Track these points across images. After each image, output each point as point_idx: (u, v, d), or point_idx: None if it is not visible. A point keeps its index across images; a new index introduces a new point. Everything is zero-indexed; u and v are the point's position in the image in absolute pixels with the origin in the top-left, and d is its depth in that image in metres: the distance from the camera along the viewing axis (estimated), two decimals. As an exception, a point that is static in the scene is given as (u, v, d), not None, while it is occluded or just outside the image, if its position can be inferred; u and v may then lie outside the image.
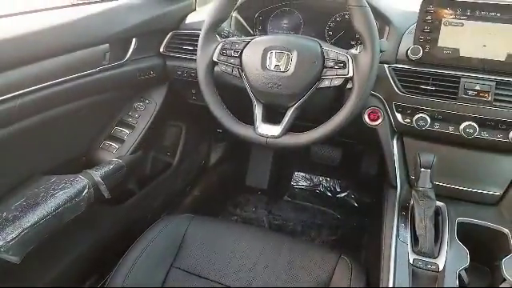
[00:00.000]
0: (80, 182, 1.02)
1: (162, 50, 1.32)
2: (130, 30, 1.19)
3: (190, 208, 1.71)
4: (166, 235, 1.07)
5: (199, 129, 1.73)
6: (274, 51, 0.95)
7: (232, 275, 1.00)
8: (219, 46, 1.00)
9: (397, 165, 1.08)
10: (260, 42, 0.98)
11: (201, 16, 1.33)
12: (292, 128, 0.96)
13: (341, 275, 0.96)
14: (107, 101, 1.23)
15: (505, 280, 0.84)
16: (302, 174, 2.13)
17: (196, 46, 1.03)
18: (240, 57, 0.98)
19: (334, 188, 2.04)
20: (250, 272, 1.00)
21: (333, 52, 0.93)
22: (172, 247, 1.06)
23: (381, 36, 1.08)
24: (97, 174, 1.09)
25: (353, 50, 0.96)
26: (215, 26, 1.01)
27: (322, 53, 0.93)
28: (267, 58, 0.95)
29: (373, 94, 1.05)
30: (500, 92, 0.94)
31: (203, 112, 1.05)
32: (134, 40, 1.21)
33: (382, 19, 1.10)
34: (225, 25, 1.19)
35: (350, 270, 0.96)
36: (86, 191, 1.02)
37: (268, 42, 0.97)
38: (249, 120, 1.00)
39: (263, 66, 0.95)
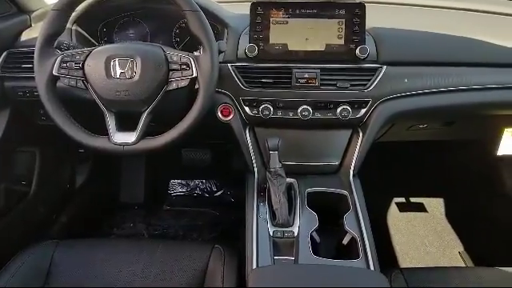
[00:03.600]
0: None
1: None
2: None
3: (58, 236, 1.58)
4: (31, 265, 1.00)
5: (57, 151, 1.61)
6: (117, 59, 0.95)
7: None
8: (58, 59, 0.96)
9: (252, 153, 1.19)
10: (102, 51, 0.97)
11: (37, 32, 1.24)
12: (151, 133, 0.98)
13: (214, 263, 1.02)
14: None
15: (347, 233, 1.01)
16: (178, 180, 2.15)
17: None
18: (83, 68, 0.96)
19: (211, 188, 2.12)
20: (128, 282, 0.99)
21: (176, 55, 0.97)
22: (39, 276, 0.99)
23: (221, 38, 1.17)
24: None
25: (196, 53, 1.03)
26: (50, 41, 0.98)
27: (166, 57, 0.97)
28: (111, 66, 0.95)
29: (222, 92, 1.13)
30: (324, 77, 1.09)
31: (58, 132, 0.99)
32: None
33: (221, 23, 1.18)
34: (65, 38, 1.15)
35: (223, 256, 1.03)
36: None
37: (110, 50, 0.97)
38: (106, 132, 0.99)
39: (108, 74, 0.95)
